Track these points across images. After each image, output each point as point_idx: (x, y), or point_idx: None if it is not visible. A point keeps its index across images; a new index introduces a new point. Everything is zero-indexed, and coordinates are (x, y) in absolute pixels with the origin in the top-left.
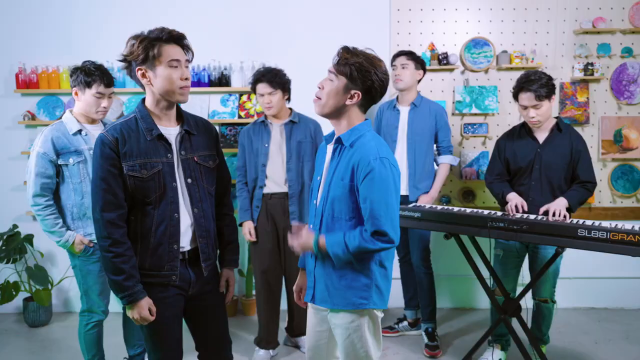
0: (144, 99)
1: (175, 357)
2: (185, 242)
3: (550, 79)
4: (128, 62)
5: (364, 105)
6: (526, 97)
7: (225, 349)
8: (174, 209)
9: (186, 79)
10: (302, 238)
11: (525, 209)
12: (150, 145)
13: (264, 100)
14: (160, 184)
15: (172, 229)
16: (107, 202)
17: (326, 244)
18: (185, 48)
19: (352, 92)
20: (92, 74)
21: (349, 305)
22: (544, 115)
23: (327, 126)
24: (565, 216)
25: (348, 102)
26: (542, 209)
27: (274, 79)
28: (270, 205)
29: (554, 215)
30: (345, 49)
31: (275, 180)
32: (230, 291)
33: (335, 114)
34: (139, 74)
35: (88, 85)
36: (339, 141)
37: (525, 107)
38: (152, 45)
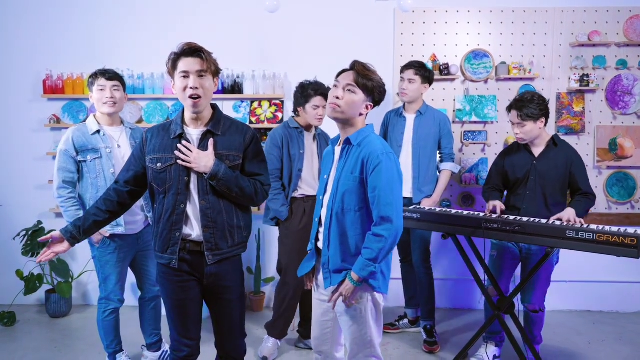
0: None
1: (190, 334)
2: (194, 231)
3: (542, 102)
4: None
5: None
6: (512, 115)
7: (237, 340)
8: (180, 200)
9: (192, 87)
10: (342, 290)
11: (503, 209)
12: (170, 143)
13: (319, 112)
14: (170, 176)
15: (176, 218)
16: (121, 171)
17: (358, 273)
18: (201, 59)
19: (368, 104)
20: (93, 75)
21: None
22: (528, 135)
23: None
24: (580, 222)
25: (363, 111)
26: (552, 218)
27: (326, 93)
28: (308, 206)
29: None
30: (361, 65)
31: (310, 184)
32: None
33: (350, 121)
34: (171, 85)
35: (92, 84)
36: (347, 142)
37: (513, 124)
38: (173, 60)
